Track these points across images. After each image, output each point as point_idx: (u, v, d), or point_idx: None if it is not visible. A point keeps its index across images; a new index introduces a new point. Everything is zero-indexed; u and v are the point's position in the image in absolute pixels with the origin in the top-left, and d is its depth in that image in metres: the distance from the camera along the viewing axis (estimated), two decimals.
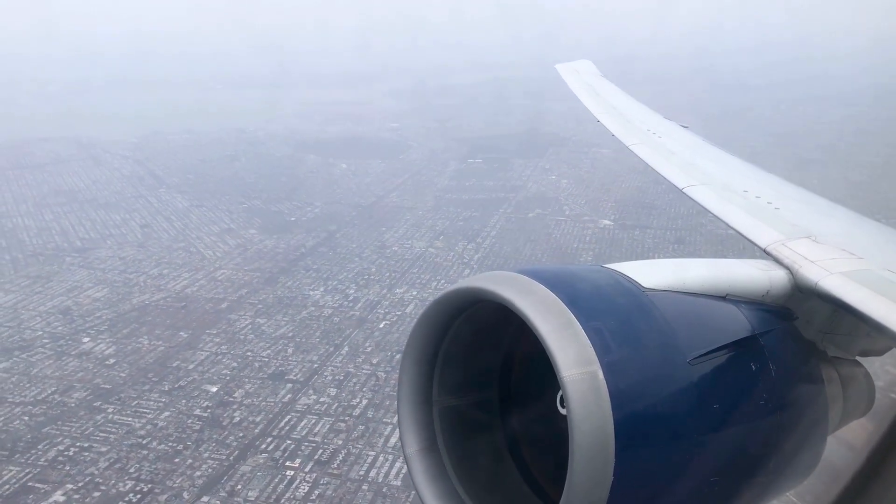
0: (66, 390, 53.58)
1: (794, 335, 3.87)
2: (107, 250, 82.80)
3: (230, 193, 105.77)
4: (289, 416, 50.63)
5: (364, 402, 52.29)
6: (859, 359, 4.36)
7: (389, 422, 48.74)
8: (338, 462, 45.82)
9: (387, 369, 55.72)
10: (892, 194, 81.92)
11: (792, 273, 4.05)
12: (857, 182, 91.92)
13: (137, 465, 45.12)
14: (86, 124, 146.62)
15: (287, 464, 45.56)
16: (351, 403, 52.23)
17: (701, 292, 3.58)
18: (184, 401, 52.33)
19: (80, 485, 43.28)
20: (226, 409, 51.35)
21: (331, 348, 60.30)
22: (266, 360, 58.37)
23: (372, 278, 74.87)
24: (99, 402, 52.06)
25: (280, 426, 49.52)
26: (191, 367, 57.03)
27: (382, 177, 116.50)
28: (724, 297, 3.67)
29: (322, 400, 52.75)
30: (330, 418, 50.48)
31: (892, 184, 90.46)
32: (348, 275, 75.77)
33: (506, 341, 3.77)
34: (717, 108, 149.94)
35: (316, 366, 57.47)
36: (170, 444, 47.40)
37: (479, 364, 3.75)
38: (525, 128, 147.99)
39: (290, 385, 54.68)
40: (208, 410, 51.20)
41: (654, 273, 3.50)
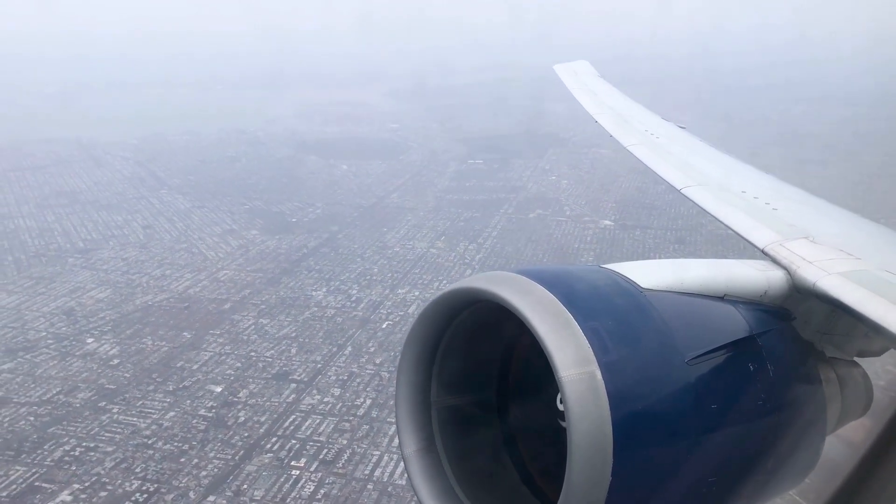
0: (71, 391, 53.74)
1: (792, 335, 3.87)
2: (109, 251, 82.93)
3: (231, 194, 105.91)
4: (293, 416, 50.83)
5: (368, 401, 52.54)
6: (857, 359, 4.36)
7: (393, 422, 47.85)
8: (343, 461, 46.05)
9: (390, 369, 55.93)
10: (890, 195, 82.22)
11: (790, 273, 4.04)
12: (856, 182, 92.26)
13: (143, 465, 45.26)
14: (86, 125, 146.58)
15: (292, 463, 45.74)
16: (355, 403, 52.46)
17: (699, 293, 3.58)
18: (188, 401, 52.52)
19: (86, 484, 43.42)
20: (230, 409, 51.56)
21: (334, 348, 60.54)
22: (270, 360, 58.59)
23: (374, 279, 75.13)
24: (104, 403, 52.21)
25: (285, 426, 49.72)
26: (195, 367, 57.22)
27: (383, 177, 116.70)
28: (723, 298, 3.67)
29: (326, 400, 52.97)
30: (334, 418, 50.71)
31: (892, 184, 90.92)
32: (350, 275, 75.99)
33: (504, 341, 3.75)
34: (716, 108, 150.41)
35: (319, 366, 57.70)
36: (175, 443, 47.59)
37: (477, 364, 3.74)
38: (525, 128, 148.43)
39: (294, 385, 54.89)
40: (213, 410, 51.40)
41: (653, 273, 3.51)
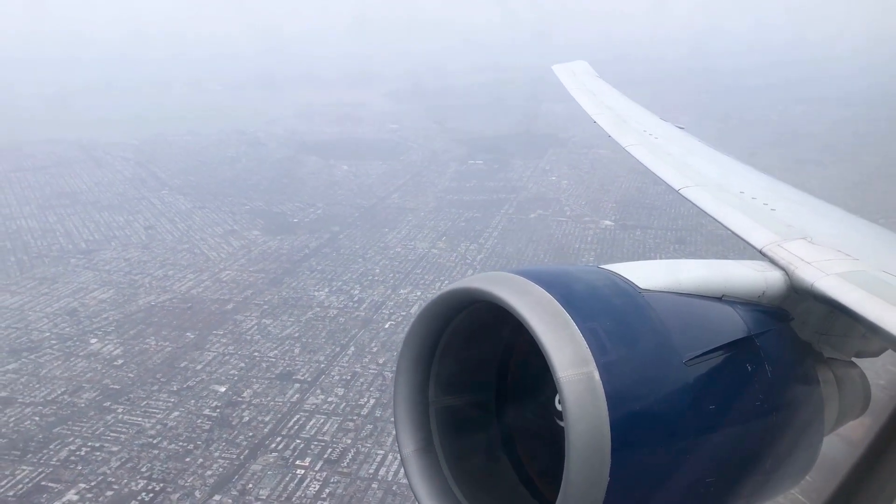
0: (76, 391, 53.97)
1: (789, 336, 3.87)
2: (111, 252, 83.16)
3: (232, 195, 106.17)
4: (297, 416, 51.09)
5: (371, 401, 52.80)
6: (855, 360, 4.36)
7: None
8: (347, 461, 46.29)
9: (393, 369, 55.05)
10: (889, 195, 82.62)
11: (788, 274, 4.04)
12: (855, 183, 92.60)
13: (149, 465, 45.51)
14: (86, 126, 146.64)
15: (297, 463, 46.01)
16: (359, 403, 52.73)
17: (697, 293, 3.58)
18: (193, 401, 52.76)
19: (92, 484, 43.66)
20: (235, 409, 51.81)
21: (337, 348, 60.80)
22: (273, 360, 58.85)
23: (376, 279, 75.41)
24: (108, 403, 52.46)
25: (289, 425, 49.99)
26: (198, 367, 57.46)
27: (383, 178, 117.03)
28: (720, 298, 3.67)
29: (330, 400, 53.23)
30: (338, 418, 50.97)
31: (890, 185, 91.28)
32: (352, 275, 76.27)
33: (502, 342, 3.75)
34: (714, 108, 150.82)
35: (323, 366, 57.97)
36: (180, 443, 47.83)
37: (475, 364, 3.75)
38: (524, 129, 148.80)
39: (297, 385, 55.16)
40: (217, 410, 51.65)
41: (651, 274, 3.51)
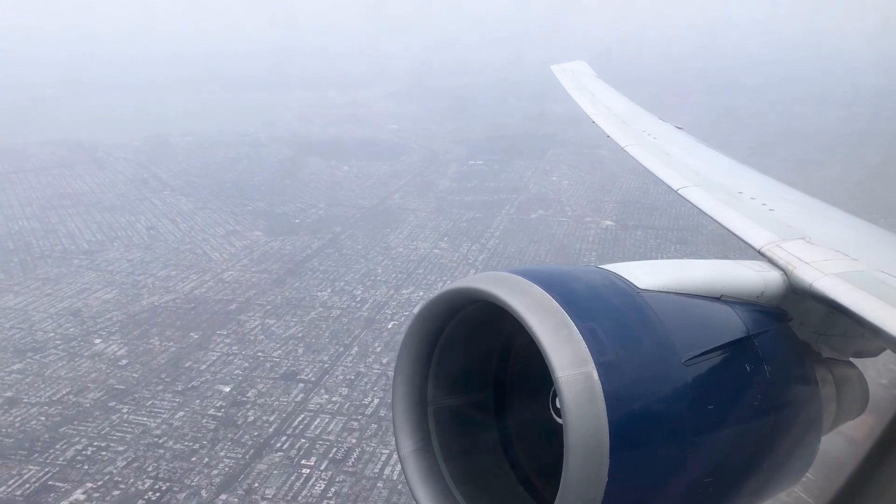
0: (81, 391, 54.16)
1: (788, 336, 3.88)
2: (114, 252, 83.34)
3: (234, 195, 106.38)
4: (302, 416, 51.32)
5: (376, 401, 53.03)
6: (853, 360, 4.39)
7: None
8: (352, 460, 46.54)
9: None
10: (888, 196, 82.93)
11: (786, 274, 4.05)
12: (854, 183, 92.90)
13: (155, 464, 45.73)
14: (87, 127, 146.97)
15: (302, 462, 46.24)
16: (363, 403, 52.97)
17: (696, 293, 3.59)
18: (197, 401, 52.99)
19: (99, 483, 43.89)
20: (239, 409, 52.04)
21: (340, 348, 61.04)
22: (277, 360, 59.07)
23: (378, 279, 75.66)
24: (114, 403, 52.67)
25: (294, 425, 50.22)
26: (203, 367, 57.68)
27: (384, 179, 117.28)
28: (719, 298, 3.68)
29: (334, 399, 53.47)
30: (343, 417, 51.20)
31: (889, 185, 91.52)
32: (355, 276, 76.51)
33: (501, 342, 3.77)
34: (713, 108, 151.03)
35: (327, 366, 58.20)
36: (186, 443, 48.06)
37: (474, 364, 3.76)
38: (525, 129, 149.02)
39: (301, 385, 55.39)
40: (222, 410, 51.87)
41: (649, 274, 3.52)
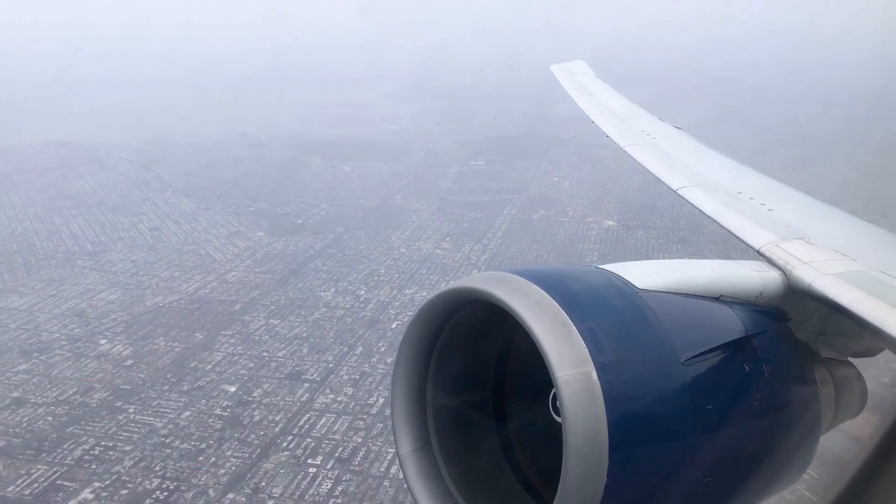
0: (87, 391, 54.43)
1: (787, 336, 3.88)
2: (118, 253, 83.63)
3: (236, 196, 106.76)
4: (308, 415, 51.59)
5: (381, 400, 53.25)
6: (852, 360, 4.40)
7: None
8: (358, 459, 46.80)
9: None
10: (886, 196, 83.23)
11: (785, 274, 4.06)
12: (853, 183, 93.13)
13: (162, 464, 45.99)
14: (88, 128, 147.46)
15: (309, 461, 46.49)
16: (368, 402, 53.24)
17: (695, 293, 3.59)
18: (203, 400, 53.26)
19: (107, 482, 44.13)
20: (245, 409, 52.31)
21: (345, 348, 61.31)
22: (282, 360, 59.35)
23: (381, 279, 75.94)
24: (120, 403, 52.94)
25: (300, 424, 50.49)
26: (208, 367, 57.96)
27: (386, 179, 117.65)
28: (718, 298, 3.68)
29: (339, 399, 53.74)
30: (348, 417, 51.48)
31: (888, 185, 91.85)
32: (358, 276, 76.80)
33: (500, 342, 3.78)
34: (712, 108, 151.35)
35: (331, 365, 58.47)
36: (192, 442, 48.31)
37: (473, 364, 3.77)
38: (525, 129, 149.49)
39: (307, 384, 55.66)
40: (228, 410, 52.14)
41: (649, 274, 3.53)
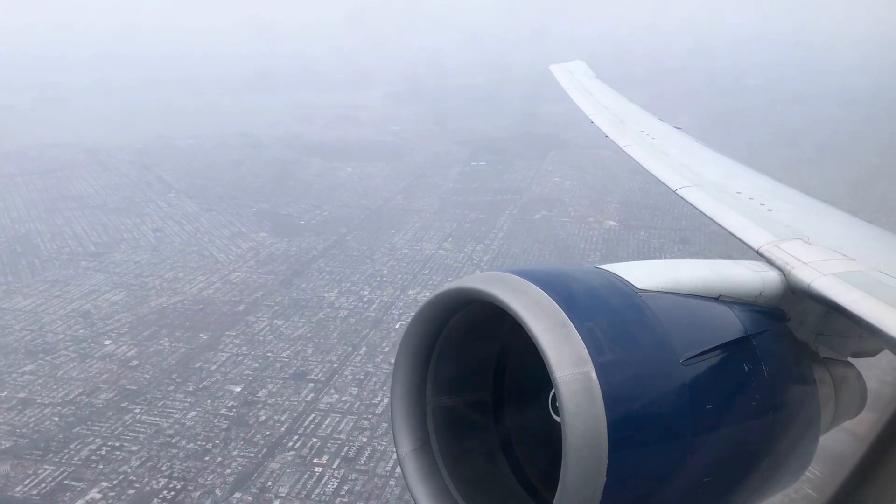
0: (93, 391, 54.67)
1: (786, 336, 3.88)
2: (121, 254, 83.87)
3: (238, 197, 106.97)
4: (313, 415, 51.86)
5: (385, 400, 53.48)
6: (851, 360, 4.41)
7: None
8: (364, 458, 47.05)
9: None
10: (886, 196, 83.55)
11: (785, 274, 4.06)
12: (853, 183, 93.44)
13: (168, 464, 46.24)
14: (89, 129, 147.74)
15: (315, 461, 46.76)
16: (373, 402, 53.51)
17: (694, 293, 3.60)
18: (209, 401, 53.51)
19: (114, 482, 44.37)
20: (251, 409, 52.57)
21: (349, 349, 61.58)
22: (287, 360, 59.62)
23: (384, 280, 76.21)
24: (126, 403, 53.17)
25: (305, 424, 50.75)
26: (213, 367, 58.22)
27: (387, 180, 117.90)
28: (717, 299, 3.69)
29: (344, 399, 54.02)
30: (353, 416, 51.76)
31: (887, 185, 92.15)
32: (361, 277, 77.07)
33: (499, 341, 3.78)
34: (712, 108, 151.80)
35: (336, 366, 58.74)
36: (198, 442, 48.56)
37: (472, 364, 3.78)
38: (526, 129, 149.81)
39: (311, 385, 55.93)
40: (234, 410, 52.40)
41: (648, 274, 3.54)
